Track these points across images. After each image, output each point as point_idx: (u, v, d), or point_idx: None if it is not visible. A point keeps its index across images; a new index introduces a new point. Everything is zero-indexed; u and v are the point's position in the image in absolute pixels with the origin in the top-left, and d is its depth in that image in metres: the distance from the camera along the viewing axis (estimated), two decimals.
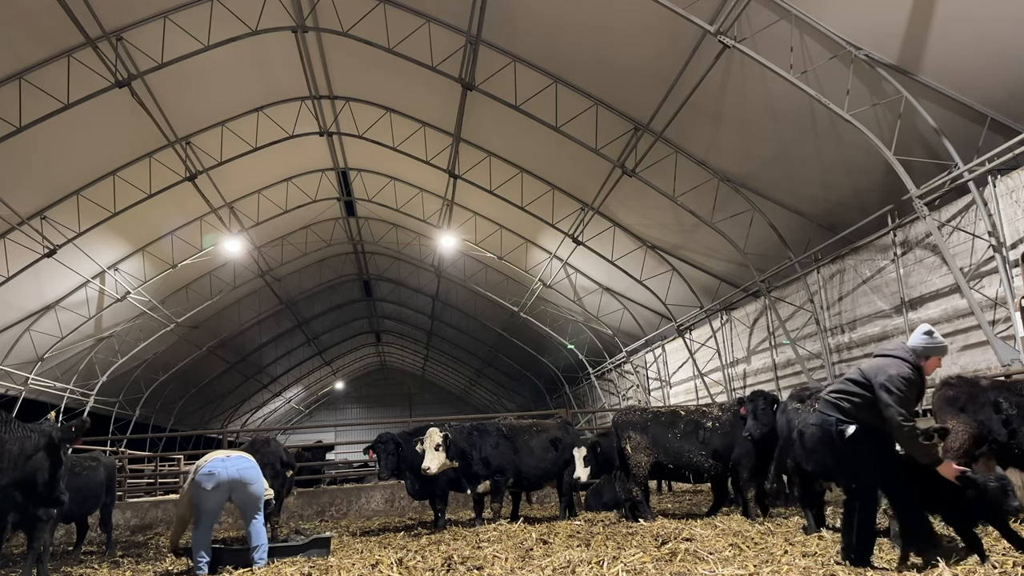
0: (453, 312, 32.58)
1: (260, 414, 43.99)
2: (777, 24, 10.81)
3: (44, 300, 19.13)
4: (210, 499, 6.77)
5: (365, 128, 18.66)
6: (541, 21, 13.57)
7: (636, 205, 17.66)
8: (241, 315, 28.15)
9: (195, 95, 16.34)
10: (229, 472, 6.78)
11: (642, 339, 23.39)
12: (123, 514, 12.37)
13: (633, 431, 8.95)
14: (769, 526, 7.52)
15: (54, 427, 6.24)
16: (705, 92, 13.09)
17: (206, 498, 6.76)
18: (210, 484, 6.71)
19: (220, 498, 6.82)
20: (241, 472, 6.85)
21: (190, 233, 20.78)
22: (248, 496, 6.89)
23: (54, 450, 6.11)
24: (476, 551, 6.89)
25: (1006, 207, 10.13)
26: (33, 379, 20.43)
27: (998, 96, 9.95)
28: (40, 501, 6.29)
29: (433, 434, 9.17)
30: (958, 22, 9.46)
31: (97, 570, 8.08)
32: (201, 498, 6.77)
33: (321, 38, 16.01)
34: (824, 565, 5.23)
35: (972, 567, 4.82)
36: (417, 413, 45.67)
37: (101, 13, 12.95)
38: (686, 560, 5.69)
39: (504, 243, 22.62)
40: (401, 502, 13.15)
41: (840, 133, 11.86)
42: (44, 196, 16.28)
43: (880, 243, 12.96)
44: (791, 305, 15.94)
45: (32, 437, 6.09)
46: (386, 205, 22.99)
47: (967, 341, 11.00)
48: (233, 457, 6.93)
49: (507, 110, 15.39)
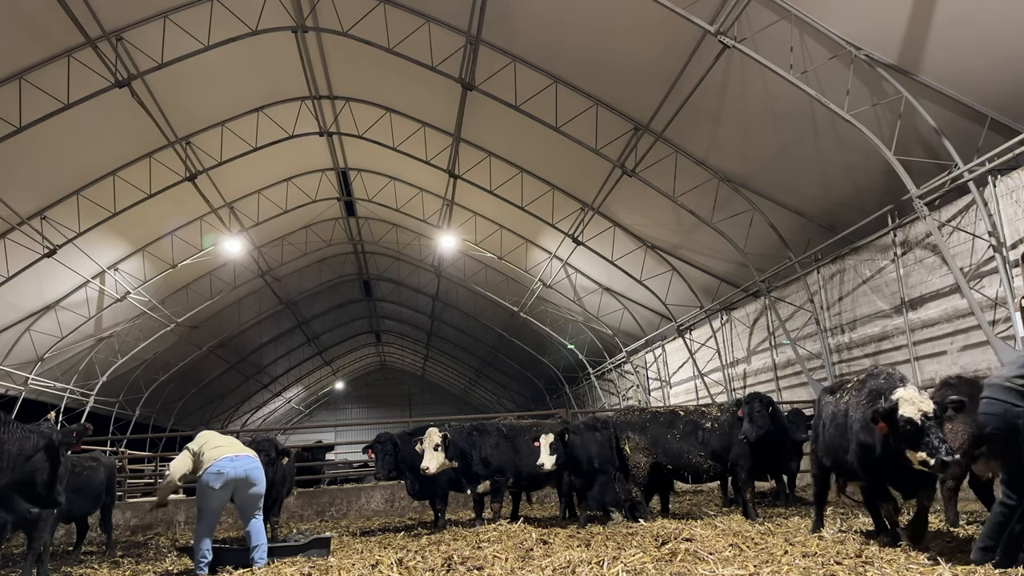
0: (453, 312, 32.59)
1: (260, 414, 43.98)
2: (777, 24, 10.81)
3: (44, 300, 19.13)
4: (217, 498, 6.69)
5: (365, 128, 18.66)
6: (541, 21, 13.57)
7: (636, 205, 17.67)
8: (241, 315, 28.15)
9: (195, 95, 16.35)
10: (237, 471, 6.71)
11: (642, 339, 23.39)
12: (123, 514, 12.36)
13: (632, 432, 8.96)
14: (769, 526, 7.52)
15: (54, 429, 6.23)
16: (705, 92, 13.09)
17: (212, 497, 6.67)
18: (218, 483, 6.63)
19: (225, 497, 6.76)
20: (248, 472, 6.80)
21: (190, 233, 20.78)
22: (250, 496, 6.83)
23: (53, 452, 6.10)
24: (476, 551, 6.89)
25: (1006, 207, 10.13)
26: (33, 379, 20.43)
27: (998, 96, 9.94)
28: (38, 502, 6.29)
29: (432, 434, 9.17)
30: (958, 22, 9.46)
31: (97, 570, 8.08)
32: (207, 497, 6.67)
33: (321, 38, 16.01)
34: (824, 565, 5.23)
35: (973, 568, 4.82)
36: (417, 413, 45.62)
37: (101, 13, 12.95)
38: (686, 560, 5.68)
39: (504, 243, 22.63)
40: (401, 502, 13.15)
41: (840, 133, 11.86)
42: (44, 196, 16.28)
43: (880, 243, 12.96)
44: (791, 305, 15.94)
45: (31, 438, 6.08)
46: (386, 205, 22.99)
47: (967, 341, 11.00)
48: (241, 457, 6.86)
49: (507, 110, 15.39)
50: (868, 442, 5.78)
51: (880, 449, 5.60)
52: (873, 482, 6.10)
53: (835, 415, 6.45)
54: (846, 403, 6.31)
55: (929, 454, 5.11)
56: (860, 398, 6.06)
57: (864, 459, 5.89)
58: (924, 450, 5.14)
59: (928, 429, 5.14)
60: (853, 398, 6.22)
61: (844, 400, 6.38)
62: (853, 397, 6.23)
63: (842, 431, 6.23)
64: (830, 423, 6.52)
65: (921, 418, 5.18)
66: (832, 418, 6.51)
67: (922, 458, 5.14)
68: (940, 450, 5.07)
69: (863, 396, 6.01)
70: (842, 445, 6.23)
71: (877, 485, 6.10)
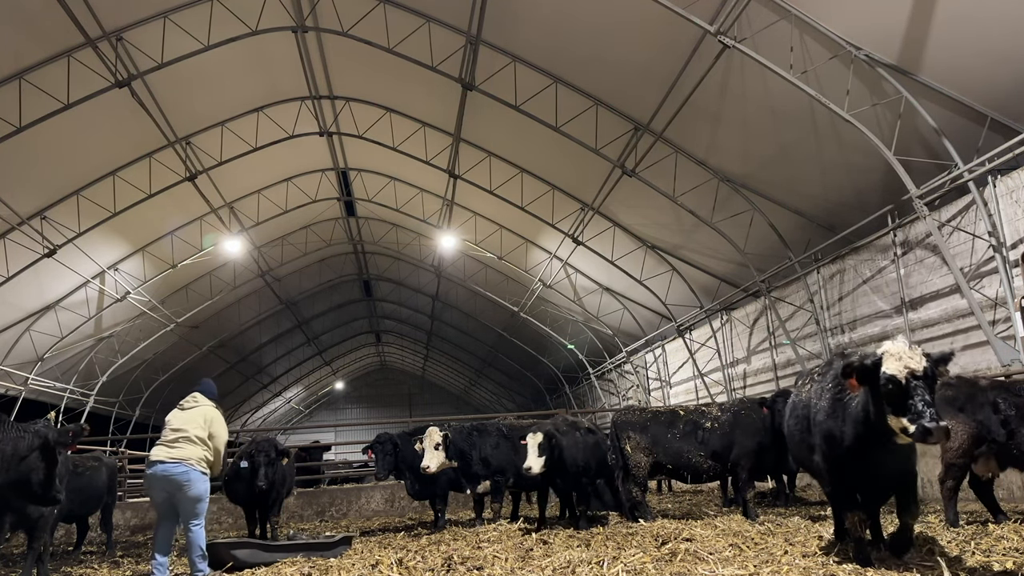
0: (453, 312, 32.58)
1: (260, 414, 43.97)
2: (777, 24, 10.81)
3: (44, 300, 19.12)
4: (154, 497, 6.72)
5: (365, 128, 18.65)
6: (541, 21, 13.57)
7: (636, 205, 17.66)
8: (241, 315, 28.14)
9: (195, 95, 16.34)
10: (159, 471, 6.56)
11: (642, 339, 23.39)
12: (123, 514, 12.37)
13: (632, 431, 8.95)
14: (769, 526, 7.52)
15: (51, 429, 6.24)
16: (705, 92, 13.09)
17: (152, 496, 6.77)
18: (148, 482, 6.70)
19: (160, 498, 6.61)
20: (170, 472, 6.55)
21: (190, 233, 20.78)
22: (185, 500, 6.58)
23: (49, 452, 6.11)
24: (476, 551, 6.89)
25: (1006, 207, 10.13)
26: (33, 379, 20.43)
27: (998, 96, 9.94)
28: (36, 501, 6.30)
29: (432, 433, 9.17)
30: (958, 22, 9.46)
31: (97, 570, 8.08)
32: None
33: (321, 38, 16.01)
34: (824, 565, 5.22)
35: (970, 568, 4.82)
36: (417, 413, 45.60)
37: (101, 13, 12.94)
38: (686, 560, 5.68)
39: (504, 243, 22.62)
40: (401, 502, 13.16)
41: (840, 133, 11.86)
42: (44, 196, 16.27)
43: (880, 243, 12.96)
44: (791, 305, 15.94)
45: (26, 438, 6.09)
46: (386, 205, 22.98)
47: (967, 341, 10.99)
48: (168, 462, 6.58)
49: (507, 110, 15.39)
50: (833, 432, 4.99)
51: (851, 437, 4.82)
52: (839, 484, 5.22)
53: (795, 406, 5.74)
54: (808, 392, 5.54)
55: (911, 419, 4.24)
56: (824, 383, 5.29)
57: (829, 454, 5.08)
58: (906, 415, 4.28)
59: (914, 390, 4.28)
60: (816, 384, 5.46)
61: (806, 389, 5.61)
62: (816, 383, 5.46)
63: (803, 424, 5.46)
64: (790, 416, 5.82)
65: (907, 376, 4.33)
66: (792, 410, 5.79)
67: (902, 425, 4.30)
68: (924, 414, 4.18)
69: (827, 380, 5.24)
70: (804, 440, 5.47)
71: (842, 488, 5.23)
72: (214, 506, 12.66)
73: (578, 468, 8.71)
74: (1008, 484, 8.80)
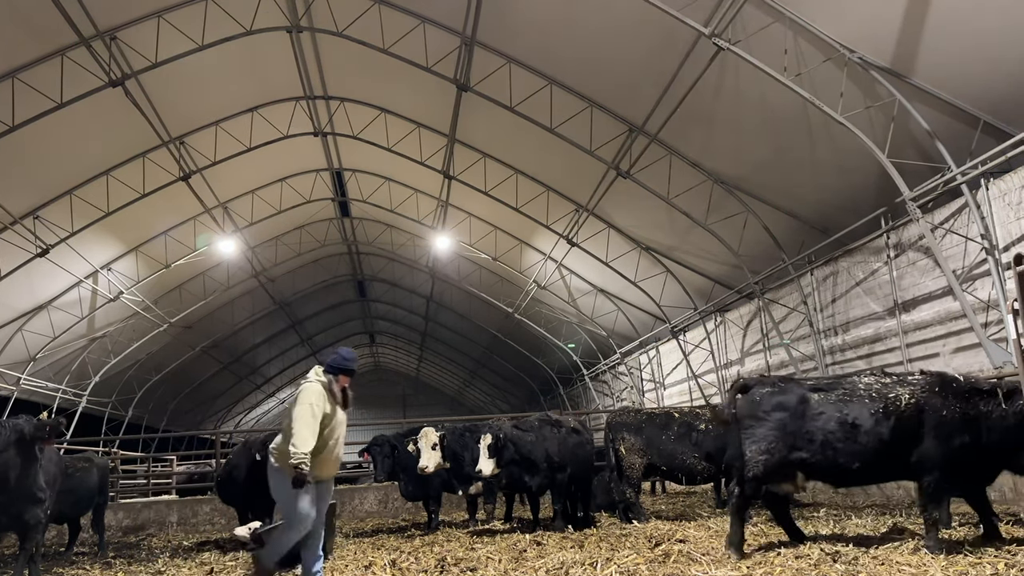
0: (447, 313, 32.56)
1: (254, 415, 43.88)
2: (771, 27, 10.84)
3: (36, 300, 19.03)
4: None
5: (359, 129, 18.63)
6: (536, 23, 13.57)
7: (630, 207, 17.69)
8: (235, 315, 28.05)
9: (189, 95, 16.29)
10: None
11: (636, 340, 23.41)
12: (115, 515, 12.32)
13: (627, 432, 8.96)
14: (762, 528, 7.54)
15: (28, 422, 6.21)
16: (699, 94, 13.11)
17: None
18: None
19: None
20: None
21: (183, 233, 20.71)
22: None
23: (26, 445, 6.09)
24: (470, 552, 6.89)
25: (998, 210, 10.18)
26: (25, 379, 20.33)
27: (991, 99, 9.99)
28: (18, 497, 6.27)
29: (429, 433, 9.18)
30: (951, 25, 9.50)
31: (89, 571, 8.05)
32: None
33: (316, 38, 15.97)
34: (816, 566, 5.24)
35: (965, 568, 4.84)
36: (411, 414, 45.54)
37: (95, 12, 12.89)
38: (679, 561, 5.69)
39: (499, 244, 22.62)
40: (394, 503, 13.13)
41: (834, 135, 11.89)
42: (37, 195, 16.19)
43: (873, 245, 13.00)
44: (785, 307, 15.98)
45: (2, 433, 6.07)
46: (380, 206, 22.94)
47: (959, 343, 11.04)
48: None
49: (502, 111, 15.39)
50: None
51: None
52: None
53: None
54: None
55: None
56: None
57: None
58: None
59: None
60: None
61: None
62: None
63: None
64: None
65: None
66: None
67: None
68: None
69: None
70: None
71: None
72: (207, 507, 12.65)
73: (552, 465, 8.71)
74: (1000, 486, 8.84)
